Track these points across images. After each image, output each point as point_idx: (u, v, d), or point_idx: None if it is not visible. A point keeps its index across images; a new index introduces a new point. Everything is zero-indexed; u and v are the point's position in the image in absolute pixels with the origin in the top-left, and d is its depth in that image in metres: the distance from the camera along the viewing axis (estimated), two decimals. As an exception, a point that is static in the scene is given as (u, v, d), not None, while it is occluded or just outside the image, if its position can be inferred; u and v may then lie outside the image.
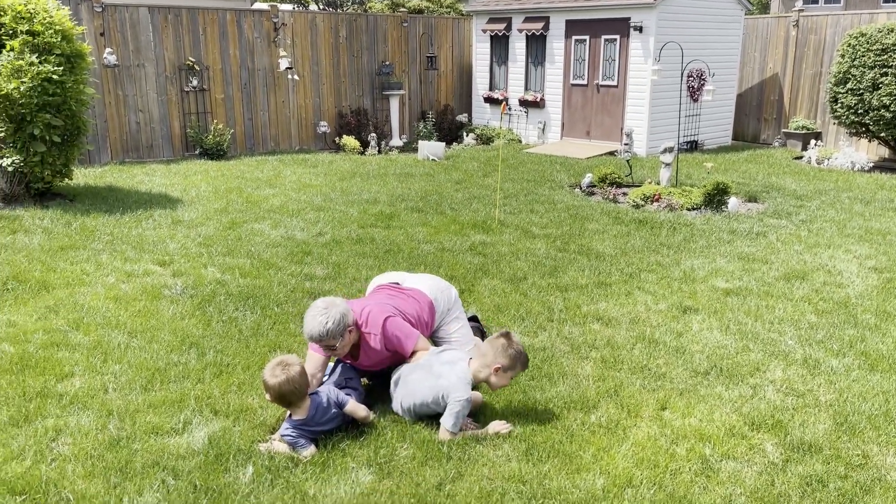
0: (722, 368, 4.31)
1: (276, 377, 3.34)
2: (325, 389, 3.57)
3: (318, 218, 7.70)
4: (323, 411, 3.45)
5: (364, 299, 4.04)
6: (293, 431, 3.37)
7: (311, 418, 3.41)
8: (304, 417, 3.40)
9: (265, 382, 3.38)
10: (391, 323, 3.76)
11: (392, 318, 3.78)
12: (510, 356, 3.59)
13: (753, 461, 3.37)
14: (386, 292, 4.12)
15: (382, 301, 3.92)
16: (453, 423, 3.45)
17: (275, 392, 3.36)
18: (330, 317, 3.57)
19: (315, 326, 3.58)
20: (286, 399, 3.37)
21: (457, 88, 15.39)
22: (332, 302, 3.67)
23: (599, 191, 9.43)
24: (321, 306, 3.63)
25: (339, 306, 3.64)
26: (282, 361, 3.41)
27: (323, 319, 3.57)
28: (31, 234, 6.77)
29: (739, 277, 6.00)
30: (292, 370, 3.36)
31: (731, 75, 13.72)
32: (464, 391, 3.47)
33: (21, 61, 7.23)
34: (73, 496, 3.00)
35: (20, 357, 4.26)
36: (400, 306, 3.92)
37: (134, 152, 11.59)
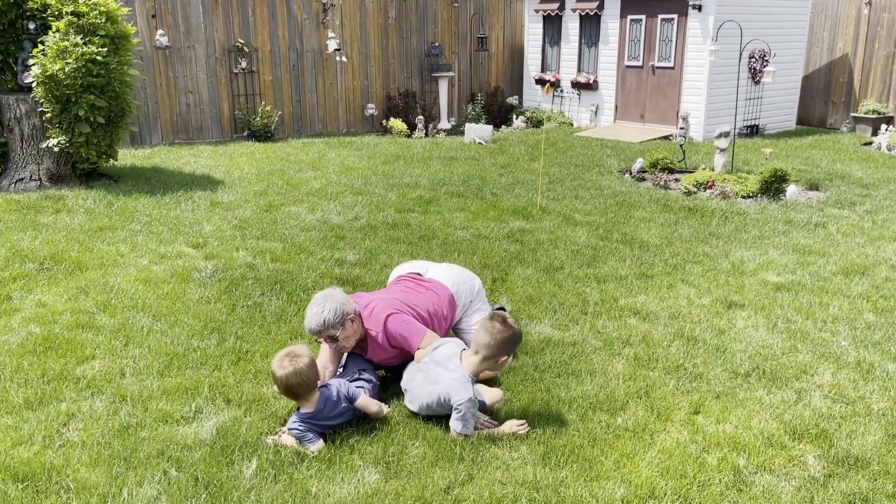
0: (765, 370, 4.02)
1: (284, 368, 3.23)
2: (335, 382, 3.44)
3: (356, 202, 7.59)
4: (332, 405, 3.33)
5: (374, 293, 3.89)
6: (301, 425, 3.26)
7: (319, 412, 3.29)
8: (312, 411, 3.28)
9: (273, 373, 3.27)
10: (393, 320, 3.60)
11: (395, 316, 3.61)
12: (504, 341, 3.36)
13: (792, 475, 3.10)
14: (404, 285, 3.96)
15: (394, 296, 3.77)
16: (462, 426, 3.27)
17: (282, 384, 3.25)
18: (326, 308, 3.44)
19: (312, 318, 3.47)
20: (293, 391, 3.25)
21: (507, 70, 15.08)
22: (330, 294, 3.55)
23: (650, 176, 9.07)
24: (319, 299, 3.52)
25: (336, 297, 3.52)
26: (291, 352, 3.29)
27: (319, 310, 3.45)
28: (73, 214, 6.85)
29: (793, 271, 5.64)
30: (301, 361, 3.24)
31: (796, 56, 13.04)
32: (463, 393, 3.27)
33: (66, 42, 7.30)
34: (74, 485, 2.95)
35: (45, 338, 4.27)
36: (413, 301, 3.76)
37: (184, 134, 11.70)
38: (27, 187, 7.73)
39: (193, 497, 2.88)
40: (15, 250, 5.75)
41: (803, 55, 13.28)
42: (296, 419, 3.29)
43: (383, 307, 3.65)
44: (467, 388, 3.29)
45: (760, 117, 12.80)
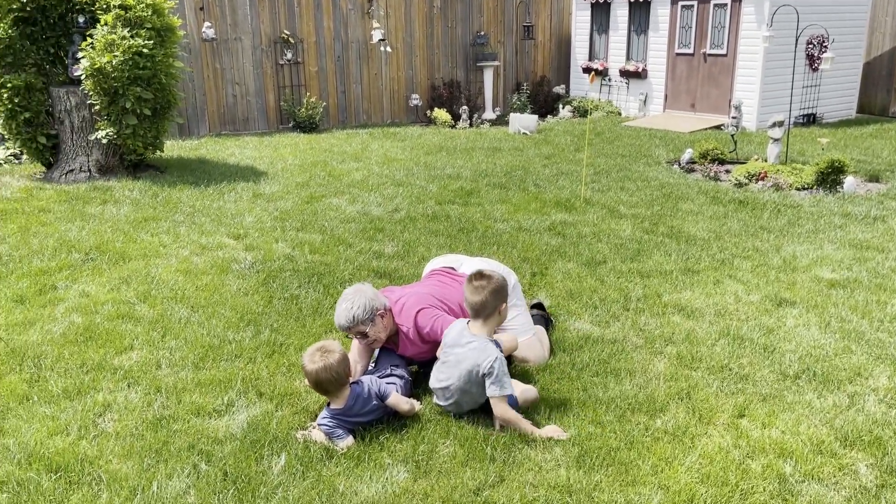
0: (816, 372, 3.83)
1: (315, 363, 3.19)
2: (367, 379, 3.39)
3: (397, 193, 7.54)
4: (363, 402, 3.28)
5: (405, 287, 3.82)
6: (330, 421, 3.22)
7: (349, 408, 3.24)
8: (342, 407, 3.24)
9: (303, 367, 3.24)
10: (423, 315, 3.53)
11: (425, 311, 3.54)
12: (493, 292, 3.36)
13: (842, 484, 2.93)
14: (437, 279, 3.89)
15: (425, 290, 3.70)
16: (500, 388, 3.21)
17: (312, 378, 3.21)
18: (356, 303, 3.40)
19: (341, 314, 3.43)
20: (323, 387, 3.21)
21: (554, 59, 14.84)
22: (359, 289, 3.51)
23: (700, 167, 8.79)
24: (348, 295, 3.47)
25: (365, 293, 3.47)
26: (322, 347, 3.25)
27: (348, 306, 3.42)
28: (119, 205, 6.97)
29: (849, 267, 5.38)
30: (332, 357, 3.20)
31: (856, 42, 12.50)
32: (486, 354, 3.24)
33: (114, 35, 7.40)
34: (105, 476, 2.96)
35: (86, 328, 4.33)
36: (445, 295, 3.68)
37: (230, 125, 11.83)
38: (77, 178, 7.89)
39: (221, 492, 2.87)
40: (63, 240, 5.86)
41: (864, 41, 12.72)
42: (326, 415, 3.25)
43: (414, 302, 3.58)
44: (488, 348, 3.25)
45: (818, 106, 12.32)
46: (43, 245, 5.76)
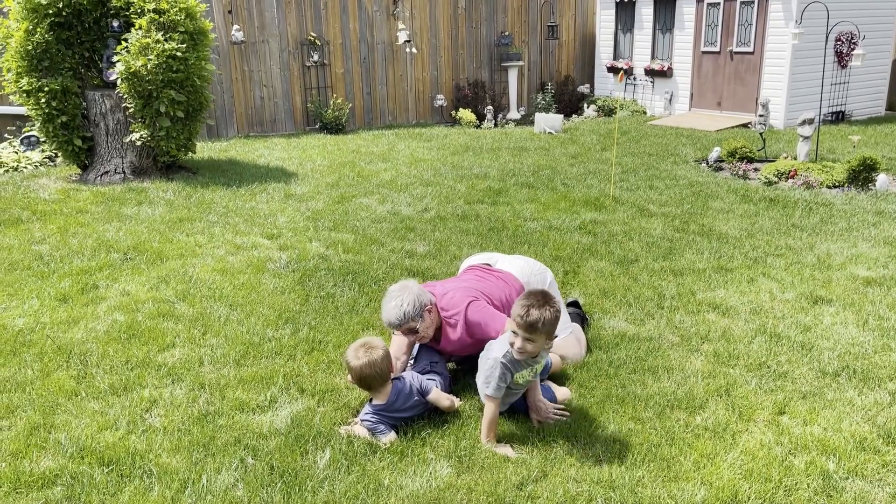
0: (855, 369, 3.81)
1: (359, 359, 3.24)
2: (408, 375, 3.43)
3: (426, 193, 7.59)
4: (405, 398, 3.32)
5: (447, 281, 3.86)
6: (373, 416, 3.27)
7: (391, 404, 3.29)
8: (384, 402, 3.29)
9: (347, 364, 3.29)
10: (473, 308, 3.56)
11: (475, 303, 3.58)
12: (526, 325, 3.04)
13: (886, 481, 2.93)
14: (475, 273, 3.93)
15: (468, 285, 3.73)
16: (484, 383, 3.18)
17: (356, 374, 3.26)
18: (405, 300, 3.43)
19: (392, 311, 3.46)
20: (366, 382, 3.26)
21: (578, 58, 14.82)
22: (405, 285, 3.54)
23: (728, 166, 8.76)
24: (395, 291, 3.51)
25: (412, 288, 3.51)
26: (366, 343, 3.30)
27: (398, 303, 3.44)
28: (154, 206, 7.08)
29: (884, 265, 5.34)
30: (375, 353, 3.25)
31: (886, 38, 12.36)
32: (495, 351, 3.18)
33: (148, 39, 7.53)
34: (156, 469, 3.03)
35: (129, 326, 4.42)
36: (486, 289, 3.72)
37: (258, 126, 11.95)
38: (112, 180, 8.03)
39: (269, 486, 2.93)
40: (101, 241, 5.98)
41: (893, 37, 12.57)
42: (368, 410, 3.30)
43: (462, 295, 3.61)
44: (501, 348, 3.17)
45: (847, 103, 12.20)
46: (82, 245, 5.88)
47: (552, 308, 3.04)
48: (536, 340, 3.07)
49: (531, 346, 3.08)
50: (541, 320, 3.00)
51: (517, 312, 3.04)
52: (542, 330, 3.03)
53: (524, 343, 3.07)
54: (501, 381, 3.15)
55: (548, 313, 3.02)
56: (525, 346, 3.07)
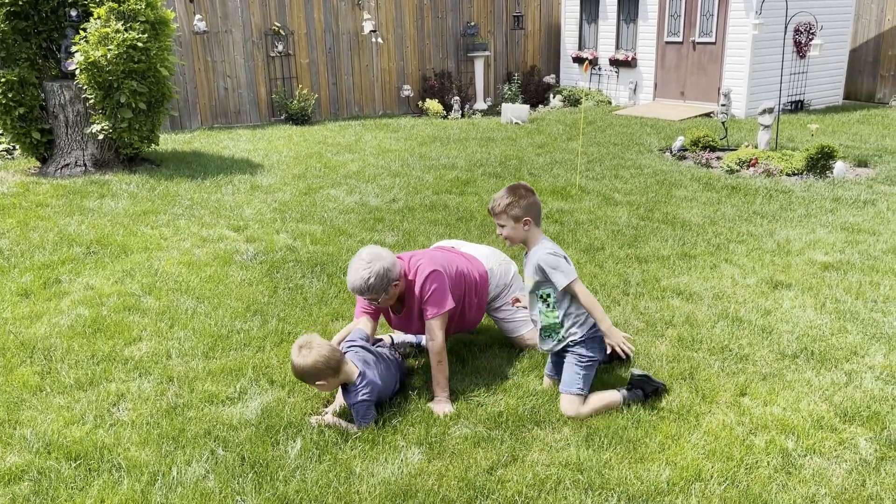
0: (813, 351, 3.93)
1: (306, 357, 3.16)
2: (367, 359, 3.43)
3: (394, 184, 7.59)
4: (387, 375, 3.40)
5: (418, 252, 3.78)
6: (368, 396, 3.25)
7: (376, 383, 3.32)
8: (370, 383, 3.27)
9: (299, 367, 3.19)
10: (434, 276, 3.52)
11: (439, 274, 3.54)
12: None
13: (843, 458, 3.03)
14: (443, 249, 3.96)
15: (437, 256, 3.72)
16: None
17: (309, 370, 3.17)
18: (373, 272, 3.38)
19: (356, 281, 3.41)
20: (322, 375, 3.20)
21: (544, 49, 14.89)
22: (378, 255, 3.44)
23: (691, 155, 8.90)
24: (366, 259, 3.42)
25: (384, 259, 3.43)
26: (305, 343, 3.21)
27: (365, 274, 3.38)
28: (117, 199, 6.98)
29: (841, 250, 5.49)
30: (319, 349, 3.18)
31: (843, 29, 12.64)
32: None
33: (107, 29, 7.39)
34: (124, 463, 3.01)
35: (93, 320, 4.36)
36: (449, 260, 3.73)
37: (222, 118, 11.82)
38: (73, 172, 7.88)
39: (240, 476, 2.93)
40: (63, 234, 5.88)
41: (850, 28, 12.87)
42: (364, 391, 3.25)
43: (427, 264, 3.57)
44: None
45: (806, 92, 12.46)
46: (43, 239, 5.78)
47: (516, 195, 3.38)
48: (503, 224, 3.38)
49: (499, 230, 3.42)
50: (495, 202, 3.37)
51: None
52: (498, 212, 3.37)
53: (500, 229, 3.41)
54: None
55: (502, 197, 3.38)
56: (500, 231, 3.41)
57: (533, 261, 3.39)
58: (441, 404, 3.41)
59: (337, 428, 3.25)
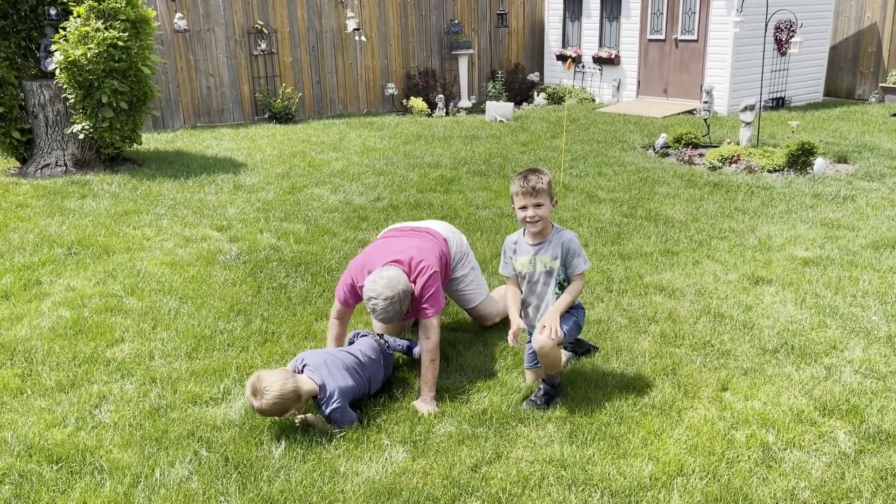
0: (793, 346, 3.97)
1: (265, 398, 3.08)
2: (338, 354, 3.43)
3: (378, 182, 7.58)
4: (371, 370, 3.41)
5: (409, 248, 3.75)
6: (337, 402, 3.23)
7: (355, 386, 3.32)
8: (342, 387, 3.27)
9: (261, 408, 3.14)
10: (434, 277, 3.60)
11: (436, 274, 3.63)
12: (511, 185, 3.41)
13: (822, 451, 3.07)
14: (407, 232, 4.00)
15: (426, 248, 3.75)
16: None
17: (273, 411, 3.14)
18: (393, 302, 3.42)
19: (380, 314, 3.45)
20: (286, 408, 3.16)
21: (528, 46, 14.92)
22: (397, 281, 3.44)
23: (674, 152, 8.95)
24: (385, 292, 3.41)
25: (401, 284, 3.45)
26: (254, 387, 3.12)
27: (386, 305, 3.41)
28: (98, 199, 6.92)
29: (821, 246, 5.55)
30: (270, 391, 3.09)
31: (823, 26, 12.75)
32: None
33: (87, 27, 7.32)
34: (107, 465, 3.00)
35: (75, 321, 4.33)
36: (434, 249, 3.81)
37: (205, 117, 11.75)
38: (53, 173, 7.81)
39: (224, 477, 2.92)
40: (43, 235, 5.83)
41: (830, 25, 12.99)
42: (335, 398, 3.24)
43: (426, 265, 3.61)
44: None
45: (787, 89, 12.56)
46: (23, 240, 5.72)
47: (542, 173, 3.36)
48: (542, 203, 3.31)
49: (534, 211, 3.31)
50: (538, 181, 3.29)
51: (515, 185, 3.34)
52: (540, 190, 3.29)
53: (534, 210, 3.31)
54: (504, 259, 3.52)
55: (539, 175, 3.33)
56: (536, 212, 3.31)
57: (558, 242, 3.36)
58: (427, 403, 3.42)
59: (322, 428, 3.24)
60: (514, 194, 3.37)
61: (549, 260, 3.39)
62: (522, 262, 3.45)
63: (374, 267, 3.59)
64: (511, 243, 3.52)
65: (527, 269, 3.45)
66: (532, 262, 3.43)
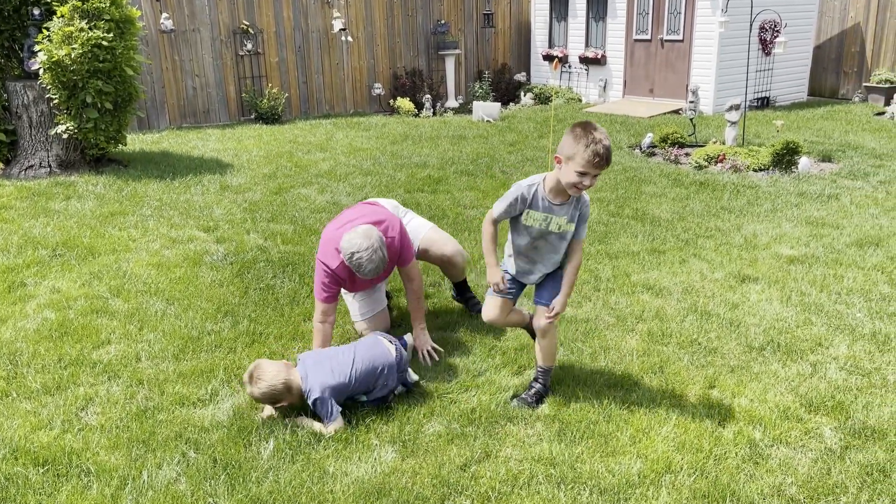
0: (780, 343, 4.00)
1: (261, 384, 3.23)
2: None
3: (365, 182, 7.57)
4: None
5: (356, 216, 3.82)
6: (317, 393, 3.24)
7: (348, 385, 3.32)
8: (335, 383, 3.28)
9: (255, 395, 3.26)
10: (403, 230, 3.86)
11: (403, 227, 3.88)
12: (572, 142, 2.98)
13: (808, 447, 3.10)
14: (354, 207, 4.13)
15: (382, 212, 3.90)
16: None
17: (259, 400, 3.29)
18: (379, 248, 3.53)
19: (377, 265, 3.55)
20: (279, 398, 3.26)
21: (514, 47, 14.95)
22: (370, 231, 3.54)
23: (660, 151, 9.00)
24: (364, 242, 3.49)
25: (375, 232, 3.56)
26: (252, 376, 3.26)
27: (381, 255, 3.53)
28: (83, 200, 6.87)
29: (806, 244, 5.60)
30: (264, 379, 3.23)
31: (807, 26, 12.86)
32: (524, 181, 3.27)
33: (71, 27, 7.27)
34: (94, 468, 2.98)
35: (60, 323, 4.29)
36: (379, 209, 3.97)
37: (191, 117, 11.68)
38: (37, 174, 7.74)
39: (212, 478, 2.91)
40: (27, 237, 5.77)
41: (814, 25, 13.10)
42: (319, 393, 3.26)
43: (392, 222, 3.79)
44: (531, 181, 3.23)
45: (771, 89, 12.65)
46: (7, 242, 5.67)
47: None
48: (599, 174, 3.02)
49: (591, 181, 3.03)
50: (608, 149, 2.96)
51: (585, 150, 2.93)
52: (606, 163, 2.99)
53: (592, 180, 3.01)
54: (510, 205, 3.15)
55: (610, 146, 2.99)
56: (591, 182, 3.02)
57: (577, 205, 3.19)
58: (425, 335, 3.89)
59: (310, 429, 3.23)
60: (582, 160, 2.95)
61: (565, 223, 3.17)
62: (536, 217, 3.17)
63: (339, 242, 3.62)
64: (530, 193, 3.16)
65: (538, 226, 3.19)
66: (547, 220, 3.17)
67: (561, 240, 3.24)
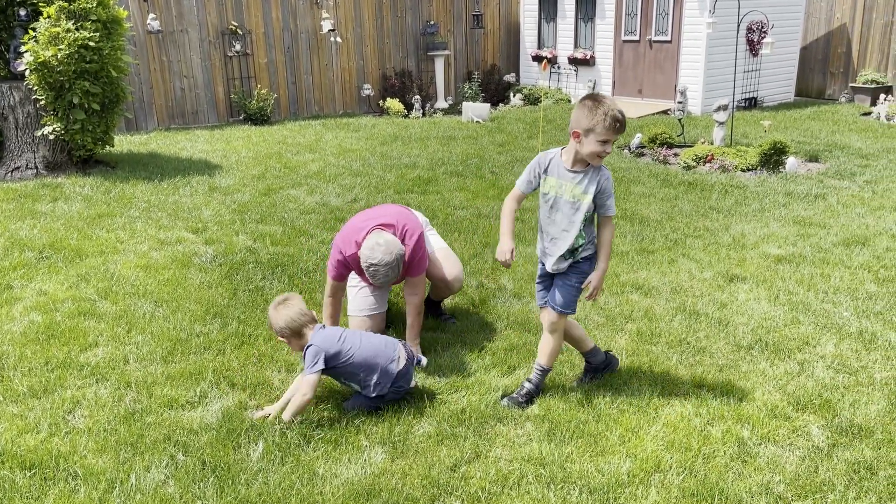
0: (767, 342, 4.03)
1: (278, 313, 3.41)
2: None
3: (355, 183, 7.56)
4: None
5: (384, 214, 3.92)
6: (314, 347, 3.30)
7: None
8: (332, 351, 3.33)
9: (280, 320, 3.38)
10: (421, 240, 3.85)
11: (422, 237, 3.87)
12: (587, 114, 3.07)
13: (796, 445, 3.11)
14: (398, 207, 4.14)
15: (407, 214, 3.96)
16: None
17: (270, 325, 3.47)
18: (396, 266, 3.60)
19: (389, 279, 3.65)
20: (280, 334, 3.41)
21: (504, 47, 14.96)
22: (393, 246, 3.60)
23: (649, 152, 9.03)
24: (385, 258, 3.57)
25: (397, 249, 3.61)
26: (282, 300, 3.46)
27: (395, 272, 3.62)
28: (70, 202, 6.82)
29: (793, 243, 5.64)
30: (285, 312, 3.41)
31: (794, 27, 12.95)
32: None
33: (58, 28, 7.22)
34: (81, 471, 2.95)
35: (47, 326, 4.26)
36: (407, 212, 4.04)
37: (179, 118, 11.63)
38: (24, 176, 7.69)
39: (201, 481, 2.89)
40: (14, 239, 5.73)
41: (801, 26, 13.18)
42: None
43: (412, 229, 3.83)
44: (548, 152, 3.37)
45: (759, 90, 12.72)
46: (-6, 244, 5.63)
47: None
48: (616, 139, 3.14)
49: (610, 147, 3.13)
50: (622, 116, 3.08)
51: (605, 119, 3.03)
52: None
53: (611, 146, 3.12)
54: (529, 172, 3.34)
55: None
56: (610, 148, 3.12)
57: (595, 178, 3.19)
58: (418, 351, 3.80)
59: (297, 430, 3.22)
60: (602, 128, 3.04)
61: (579, 192, 3.18)
62: (551, 182, 3.26)
63: (360, 236, 3.72)
64: (546, 159, 3.30)
65: (552, 193, 3.25)
66: (560, 186, 3.23)
67: (575, 210, 3.22)
